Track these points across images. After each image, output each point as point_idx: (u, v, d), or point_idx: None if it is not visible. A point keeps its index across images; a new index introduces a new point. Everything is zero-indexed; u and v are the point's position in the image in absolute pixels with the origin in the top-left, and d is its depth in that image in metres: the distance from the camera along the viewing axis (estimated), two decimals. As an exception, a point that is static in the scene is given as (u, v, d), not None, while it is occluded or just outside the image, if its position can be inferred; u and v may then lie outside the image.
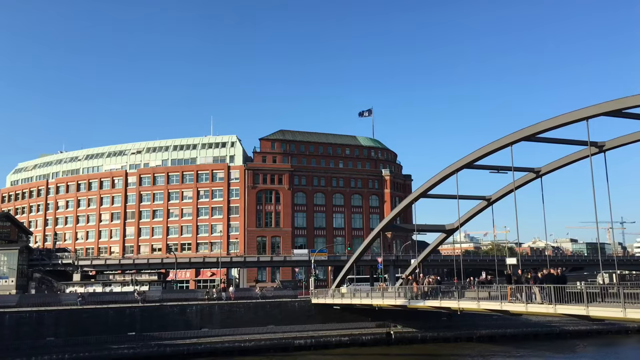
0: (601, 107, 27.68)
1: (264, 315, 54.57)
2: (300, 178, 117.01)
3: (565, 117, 29.98)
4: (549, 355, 46.90)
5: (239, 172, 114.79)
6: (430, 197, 47.22)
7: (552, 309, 27.73)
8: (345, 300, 53.15)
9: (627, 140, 33.13)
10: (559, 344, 50.91)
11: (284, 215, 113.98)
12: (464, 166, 39.51)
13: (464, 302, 36.65)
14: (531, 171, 40.63)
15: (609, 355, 47.68)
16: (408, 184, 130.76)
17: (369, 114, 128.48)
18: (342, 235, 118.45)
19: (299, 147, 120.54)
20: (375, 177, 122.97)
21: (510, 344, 51.16)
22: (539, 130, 32.11)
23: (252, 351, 47.75)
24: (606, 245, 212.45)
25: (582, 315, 26.51)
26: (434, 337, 52.36)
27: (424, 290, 41.47)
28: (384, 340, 51.83)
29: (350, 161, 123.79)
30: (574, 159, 37.44)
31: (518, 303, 30.97)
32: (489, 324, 52.93)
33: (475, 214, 47.99)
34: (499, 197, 45.14)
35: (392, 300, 45.63)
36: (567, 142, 35.00)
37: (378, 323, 53.94)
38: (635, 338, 53.79)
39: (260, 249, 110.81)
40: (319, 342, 49.94)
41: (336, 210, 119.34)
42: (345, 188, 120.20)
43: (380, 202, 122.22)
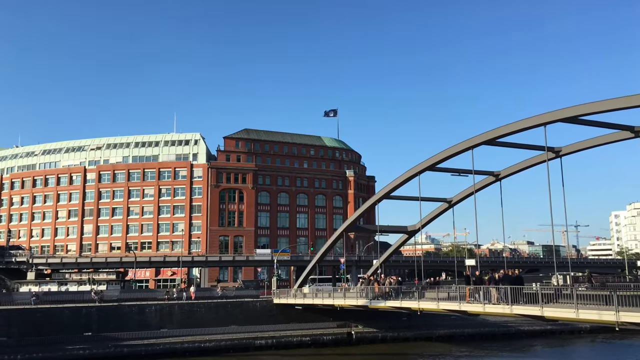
0: (558, 113, 28.53)
1: (225, 315, 54.07)
2: (265, 177, 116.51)
3: (523, 122, 30.77)
4: (506, 355, 48.01)
5: (202, 170, 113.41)
6: (393, 198, 47.78)
7: (509, 309, 28.41)
8: (307, 300, 53.17)
9: (582, 147, 34.25)
10: (515, 344, 52.17)
11: (247, 214, 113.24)
12: (426, 168, 40.07)
13: (424, 303, 37.15)
14: (491, 174, 41.51)
15: (562, 354, 49.13)
16: (372, 185, 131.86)
17: (334, 114, 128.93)
18: (305, 235, 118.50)
19: (263, 147, 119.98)
20: (339, 178, 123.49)
21: (468, 343, 52.14)
22: (498, 135, 32.84)
23: (212, 351, 47.22)
24: (561, 248, 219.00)
25: (537, 315, 27.19)
26: (394, 337, 52.88)
27: (385, 291, 41.87)
28: (345, 340, 52.05)
29: (315, 161, 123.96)
30: (532, 164, 38.45)
31: (476, 303, 31.59)
32: (448, 324, 53.79)
33: (437, 216, 48.74)
34: (459, 200, 45.99)
35: (354, 300, 45.90)
36: (526, 147, 35.89)
37: (339, 323, 54.14)
38: (587, 338, 55.54)
39: (222, 249, 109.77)
40: (280, 342, 49.79)
41: (300, 210, 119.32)
42: (309, 188, 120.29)
43: (344, 203, 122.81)
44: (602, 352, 50.15)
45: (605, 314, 23.56)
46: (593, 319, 24.85)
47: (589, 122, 29.44)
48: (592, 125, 29.97)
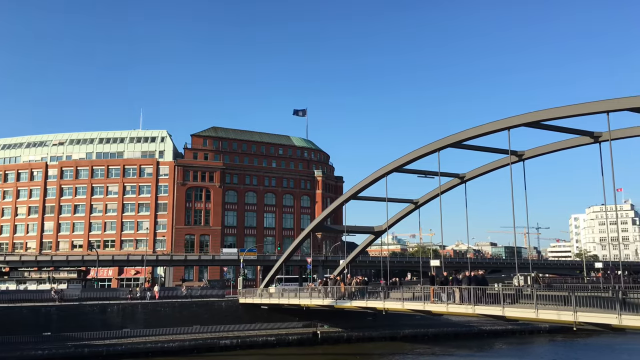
0: (521, 118, 29.20)
1: (189, 315, 53.45)
2: (232, 176, 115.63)
3: (488, 126, 31.37)
4: (468, 354, 48.89)
5: (168, 168, 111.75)
6: (361, 199, 48.05)
7: (471, 309, 28.93)
8: (273, 300, 53.01)
9: (544, 151, 35.15)
10: (477, 343, 53.17)
11: (214, 213, 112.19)
12: (393, 170, 40.44)
13: (389, 303, 37.49)
14: (456, 177, 42.18)
15: (521, 353, 50.27)
16: (339, 185, 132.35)
17: (303, 114, 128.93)
18: (272, 235, 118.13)
19: (231, 145, 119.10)
20: (307, 178, 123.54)
21: (432, 343, 52.88)
22: (464, 138, 33.40)
23: (175, 352, 46.62)
24: (523, 249, 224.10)
25: (498, 315, 27.78)
26: (359, 337, 53.19)
27: (351, 291, 42.08)
28: (310, 340, 52.11)
29: (283, 161, 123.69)
30: (496, 167, 39.23)
31: (440, 304, 32.05)
32: (413, 323, 54.40)
33: (403, 217, 49.23)
34: (425, 201, 46.57)
35: (320, 300, 45.97)
36: (490, 150, 36.59)
37: (305, 323, 54.17)
38: (546, 337, 57.08)
39: (188, 248, 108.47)
40: (245, 342, 49.52)
41: (267, 209, 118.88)
42: (277, 188, 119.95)
43: (312, 203, 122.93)
44: (560, 351, 51.53)
45: (563, 314, 24.21)
46: (552, 319, 25.53)
47: (551, 127, 30.23)
48: (554, 130, 30.79)
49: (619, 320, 21.85)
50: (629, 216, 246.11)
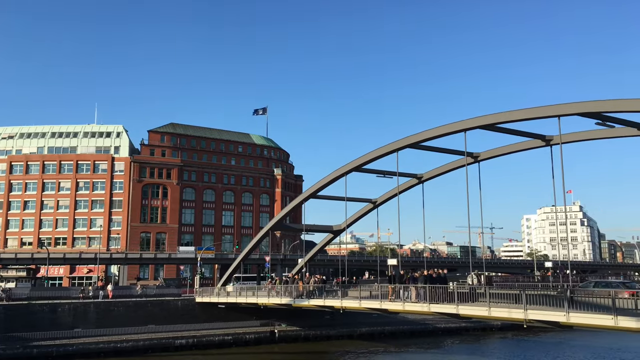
0: (477, 120, 29.89)
1: (144, 314, 52.38)
2: (190, 173, 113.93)
3: (445, 127, 31.99)
4: (423, 351, 49.71)
5: (124, 164, 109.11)
6: (320, 198, 48.19)
7: (427, 307, 29.46)
8: (231, 299, 52.59)
9: (498, 153, 36.07)
10: (432, 341, 54.17)
11: (171, 211, 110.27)
12: (353, 169, 40.70)
13: (347, 301, 37.77)
14: (414, 177, 42.80)
15: (475, 350, 51.50)
16: (299, 184, 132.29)
17: (263, 112, 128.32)
18: (231, 233, 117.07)
19: (190, 142, 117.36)
20: (267, 176, 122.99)
21: (388, 341, 53.56)
22: (422, 139, 33.93)
23: (129, 352, 45.62)
24: (477, 249, 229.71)
25: (452, 313, 28.38)
26: (316, 335, 53.35)
27: (309, 290, 42.17)
28: (268, 339, 51.94)
29: (243, 159, 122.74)
30: (453, 167, 40.02)
31: (396, 302, 32.51)
32: (370, 322, 54.94)
33: (362, 216, 49.63)
34: (384, 201, 47.08)
35: (278, 299, 45.89)
36: (447, 152, 37.31)
37: (263, 322, 53.94)
38: (498, 335, 58.69)
39: (143, 245, 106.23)
40: (201, 341, 48.91)
41: (226, 207, 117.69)
42: (236, 186, 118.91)
43: (271, 201, 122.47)
44: (511, 348, 53.03)
45: (514, 312, 24.95)
46: (504, 317, 26.27)
47: (505, 130, 31.03)
48: (508, 133, 31.62)
49: (566, 317, 22.66)
50: (578, 217, 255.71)
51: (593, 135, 30.30)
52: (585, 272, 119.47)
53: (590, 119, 25.96)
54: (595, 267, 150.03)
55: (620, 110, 24.24)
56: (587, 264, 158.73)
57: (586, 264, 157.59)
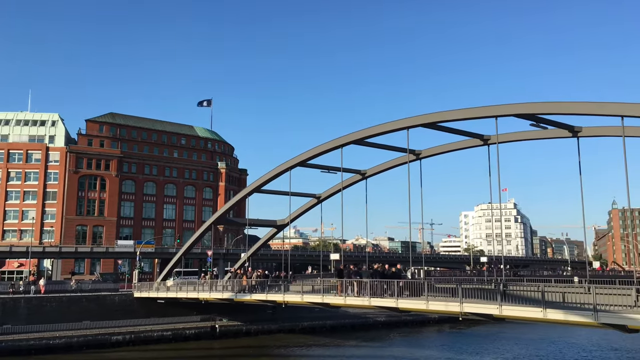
0: (419, 119, 30.58)
1: (78, 310, 50.55)
2: (130, 165, 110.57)
3: (389, 125, 32.55)
4: (364, 345, 50.52)
5: (59, 154, 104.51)
6: (264, 192, 48.01)
7: (367, 301, 29.92)
8: (171, 294, 51.63)
9: (439, 151, 37.03)
10: (372, 334, 55.17)
11: (110, 203, 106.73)
12: (297, 164, 40.74)
13: (289, 296, 37.82)
14: (358, 173, 43.33)
15: (413, 342, 52.85)
16: (243, 178, 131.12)
17: (208, 104, 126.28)
18: (172, 227, 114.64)
19: (130, 133, 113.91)
20: (210, 169, 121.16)
21: (329, 334, 54.11)
22: (366, 135, 34.39)
23: (62, 348, 43.95)
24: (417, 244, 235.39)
25: (392, 307, 28.96)
26: (258, 330, 53.21)
27: (252, 284, 41.99)
28: (209, 334, 51.36)
29: (186, 151, 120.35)
30: (395, 164, 40.75)
31: (338, 296, 32.85)
32: (312, 316, 55.30)
33: (306, 211, 49.79)
34: (328, 196, 47.41)
35: (219, 294, 45.43)
36: (390, 149, 37.93)
37: (204, 317, 53.26)
38: (435, 327, 60.58)
39: (79, 239, 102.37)
40: (139, 337, 47.77)
41: (167, 200, 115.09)
42: (178, 178, 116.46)
43: (214, 195, 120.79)
44: (447, 339, 54.83)
45: (451, 305, 25.76)
46: (441, 310, 27.06)
47: (446, 129, 31.90)
48: (449, 132, 32.51)
49: (499, 310, 23.60)
50: (512, 214, 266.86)
51: (527, 136, 31.65)
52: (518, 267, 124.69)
53: (525, 120, 27.09)
54: (527, 262, 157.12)
55: (553, 112, 25.42)
56: (519, 259, 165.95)
57: (519, 259, 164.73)
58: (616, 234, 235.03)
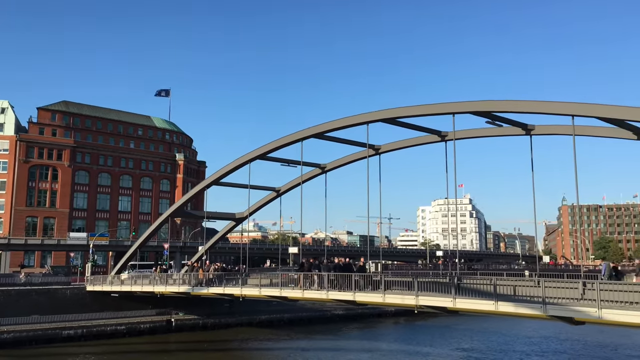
0: (379, 114, 30.87)
1: (27, 304, 48.85)
2: (84, 155, 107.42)
3: (349, 119, 32.75)
4: (320, 338, 50.78)
5: (9, 143, 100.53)
6: (223, 185, 47.52)
7: (325, 295, 30.11)
8: (125, 287, 50.59)
9: (397, 146, 37.49)
10: (330, 327, 55.55)
11: (62, 194, 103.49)
12: (257, 157, 40.53)
13: (247, 289, 37.68)
14: (318, 166, 43.39)
15: (370, 335, 53.51)
16: (202, 170, 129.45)
17: (166, 94, 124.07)
18: (127, 219, 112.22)
19: (84, 122, 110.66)
20: (168, 161, 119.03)
21: (287, 328, 54.18)
22: (326, 129, 34.49)
23: (9, 343, 42.41)
24: (375, 238, 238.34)
25: (350, 300, 29.25)
26: (215, 324, 52.76)
27: (209, 277, 41.60)
28: (164, 328, 50.57)
29: (143, 142, 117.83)
30: (355, 159, 41.01)
31: (296, 290, 32.91)
32: (270, 309, 55.24)
33: (265, 204, 49.61)
34: (287, 189, 47.34)
35: (176, 287, 44.81)
36: (350, 143, 38.18)
37: (159, 311, 52.37)
38: (392, 320, 61.52)
39: (29, 231, 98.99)
40: (92, 332, 46.61)
41: (123, 192, 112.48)
42: (134, 170, 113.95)
43: (172, 187, 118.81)
44: (403, 332, 55.82)
45: (407, 298, 26.19)
46: (397, 303, 27.50)
47: (405, 124, 32.31)
48: (408, 128, 32.95)
49: (453, 303, 24.16)
50: (467, 209, 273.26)
51: (483, 133, 32.39)
52: (472, 261, 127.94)
53: (482, 117, 27.70)
54: (481, 256, 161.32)
55: (507, 110, 26.07)
56: (473, 253, 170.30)
57: (473, 253, 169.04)
58: (565, 229, 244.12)
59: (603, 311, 19.31)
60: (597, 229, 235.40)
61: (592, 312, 19.66)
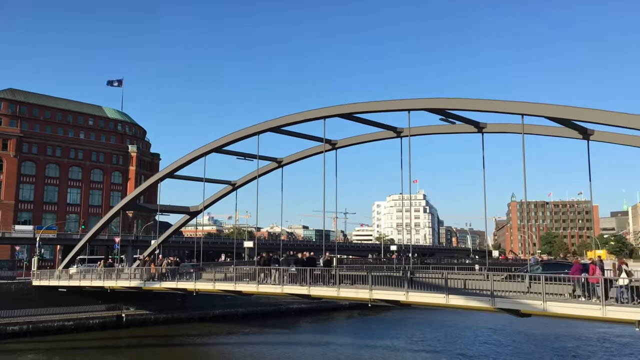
0: (336, 109, 31.04)
1: (-33, 299, 46.81)
2: (31, 145, 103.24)
3: (306, 114, 32.77)
4: (275, 332, 50.81)
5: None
6: (177, 178, 46.79)
7: (280, 289, 30.15)
8: (74, 282, 49.17)
9: (354, 141, 37.78)
10: (284, 321, 55.62)
11: (7, 185, 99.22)
12: (213, 150, 40.05)
13: (201, 284, 37.29)
14: (274, 161, 43.27)
15: (324, 328, 53.88)
16: (156, 162, 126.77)
17: (119, 84, 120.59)
18: (77, 212, 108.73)
19: (31, 111, 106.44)
20: (120, 153, 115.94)
21: (241, 322, 53.89)
22: (283, 123, 34.40)
23: (-52, 342, 40.60)
24: (331, 232, 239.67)
25: (304, 294, 29.37)
26: (167, 319, 51.94)
27: (162, 272, 40.92)
28: (114, 323, 49.42)
29: (93, 133, 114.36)
30: (311, 153, 41.09)
31: (251, 284, 32.80)
32: (224, 304, 54.80)
33: (220, 198, 49.14)
34: (243, 183, 47.02)
35: (127, 282, 43.87)
36: (307, 137, 38.22)
37: (109, 306, 51.12)
38: (346, 313, 62.18)
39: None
40: (38, 327, 45.06)
41: (72, 184, 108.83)
42: (84, 161, 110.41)
43: (124, 180, 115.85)
44: (357, 325, 56.47)
45: (361, 292, 26.51)
46: (351, 297, 27.82)
47: (362, 120, 32.60)
48: (364, 123, 33.25)
49: (406, 297, 24.64)
50: (421, 205, 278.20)
51: (437, 130, 33.04)
52: (425, 255, 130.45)
53: (436, 114, 28.23)
54: (434, 251, 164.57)
55: (460, 108, 26.67)
56: (426, 248, 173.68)
57: (426, 248, 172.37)
58: (514, 224, 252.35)
59: (548, 304, 20.11)
60: (544, 224, 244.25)
61: (537, 305, 20.44)
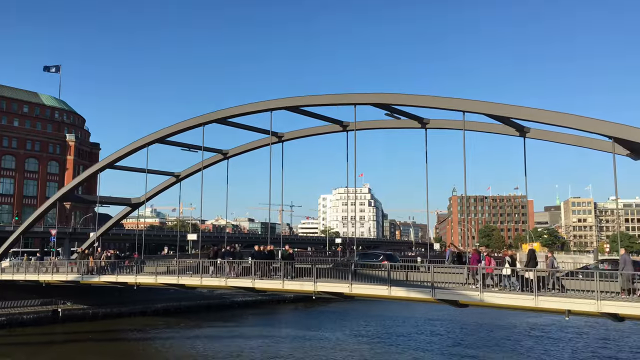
0: (282, 102, 30.98)
1: None
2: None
3: (252, 106, 32.54)
4: (219, 325, 50.31)
5: None
6: (118, 168, 45.44)
7: (224, 282, 29.94)
8: (6, 276, 47.06)
9: (300, 134, 37.83)
10: (229, 314, 55.21)
11: None
12: (156, 140, 39.08)
13: (142, 277, 36.49)
14: (220, 152, 42.73)
15: (269, 321, 53.89)
16: (95, 152, 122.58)
17: (56, 70, 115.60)
18: (10, 202, 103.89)
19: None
20: (57, 142, 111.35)
21: (184, 316, 53.07)
22: (229, 115, 34.03)
23: None
24: (277, 225, 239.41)
25: (249, 287, 29.30)
26: (106, 314, 50.43)
27: (101, 265, 39.74)
28: (50, 318, 47.54)
29: (28, 120, 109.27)
30: (258, 145, 40.86)
31: (194, 277, 32.39)
32: (166, 297, 53.70)
33: (164, 189, 48.09)
34: (187, 175, 46.19)
35: (63, 275, 42.35)
36: (254, 130, 37.93)
37: (44, 300, 49.06)
38: (291, 306, 62.42)
39: None
40: (-34, 324, 42.81)
41: (5, 174, 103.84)
42: (18, 150, 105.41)
43: (61, 169, 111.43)
44: (302, 317, 56.79)
45: (305, 284, 26.70)
46: (296, 290, 27.99)
47: (309, 113, 32.67)
48: (311, 117, 33.34)
49: (350, 289, 25.01)
50: (367, 198, 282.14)
51: (383, 125, 33.58)
52: (369, 248, 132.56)
53: (382, 109, 28.66)
54: (378, 244, 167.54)
55: (404, 103, 27.16)
56: (371, 241, 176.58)
57: (370, 241, 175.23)
58: (455, 218, 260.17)
59: (484, 294, 20.94)
60: (483, 218, 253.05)
61: (474, 296, 21.25)
